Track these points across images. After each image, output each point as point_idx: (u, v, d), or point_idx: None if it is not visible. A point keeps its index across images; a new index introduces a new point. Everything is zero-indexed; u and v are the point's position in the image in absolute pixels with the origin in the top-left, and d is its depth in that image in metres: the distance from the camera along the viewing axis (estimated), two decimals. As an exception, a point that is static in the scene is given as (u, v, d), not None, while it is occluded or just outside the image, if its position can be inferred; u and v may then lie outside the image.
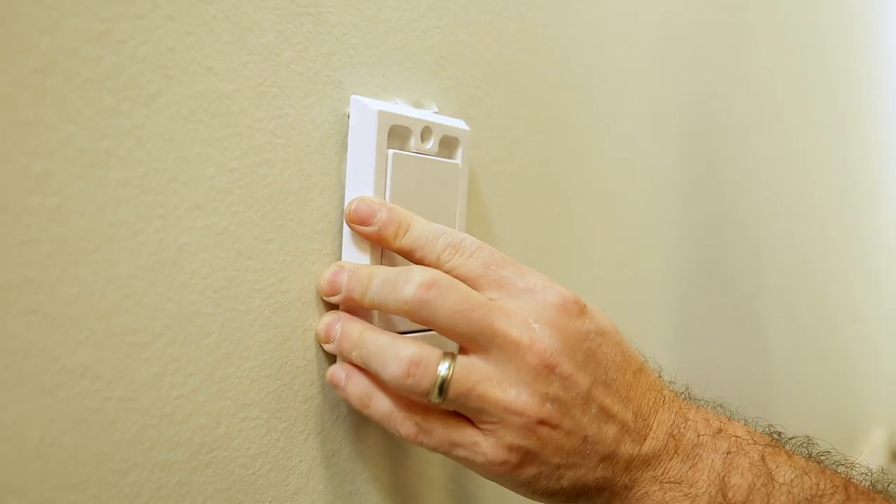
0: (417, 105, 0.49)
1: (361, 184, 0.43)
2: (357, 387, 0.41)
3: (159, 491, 0.35)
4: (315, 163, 0.42)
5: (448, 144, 0.49)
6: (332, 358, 0.44)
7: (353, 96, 0.43)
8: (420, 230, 0.41)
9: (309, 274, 0.42)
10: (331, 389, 0.44)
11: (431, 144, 0.47)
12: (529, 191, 0.61)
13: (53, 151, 0.30)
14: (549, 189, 0.63)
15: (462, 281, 0.39)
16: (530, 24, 0.59)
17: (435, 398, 0.36)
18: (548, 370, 0.36)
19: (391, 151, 0.43)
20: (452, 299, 0.36)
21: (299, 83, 0.40)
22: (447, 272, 0.39)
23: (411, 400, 0.39)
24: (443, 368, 0.36)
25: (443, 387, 0.36)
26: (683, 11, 0.85)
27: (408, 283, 0.36)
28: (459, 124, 0.50)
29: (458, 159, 0.49)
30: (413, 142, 0.45)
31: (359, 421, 0.46)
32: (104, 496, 0.33)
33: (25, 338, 0.30)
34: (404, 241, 0.41)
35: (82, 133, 0.31)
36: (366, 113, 0.43)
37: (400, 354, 0.36)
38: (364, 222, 0.41)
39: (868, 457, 1.83)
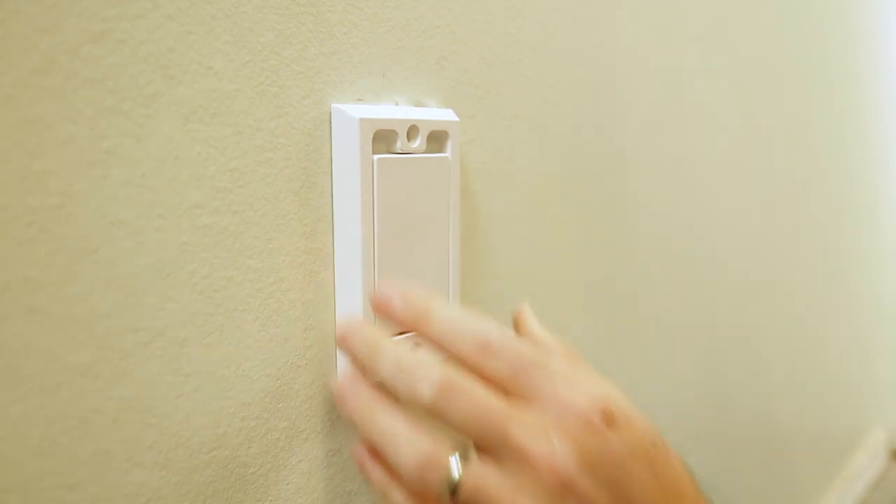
0: (418, 104, 0.49)
1: (348, 193, 0.43)
2: (377, 477, 0.39)
3: (159, 490, 0.35)
4: (315, 162, 0.42)
5: (437, 138, 0.49)
6: (333, 359, 0.44)
7: (333, 105, 0.42)
8: (440, 323, 0.38)
9: (310, 273, 0.42)
10: (331, 388, 0.44)
11: (419, 143, 0.46)
12: (529, 190, 0.61)
13: (53, 151, 0.30)
14: (550, 189, 0.63)
15: (485, 381, 0.36)
16: (531, 24, 0.59)
17: (446, 500, 0.34)
18: (564, 489, 0.34)
19: (376, 157, 0.43)
20: (468, 404, 0.34)
21: (300, 82, 0.40)
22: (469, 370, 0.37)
23: (424, 495, 0.37)
24: (455, 469, 0.34)
25: (453, 489, 0.34)
26: (684, 12, 0.85)
27: (424, 380, 0.35)
28: (448, 116, 0.49)
29: (447, 152, 0.49)
30: (400, 143, 0.45)
31: (359, 420, 0.46)
32: (104, 496, 0.33)
33: (25, 338, 0.30)
34: (427, 334, 0.39)
35: (82, 133, 0.31)
36: (347, 121, 0.42)
37: (412, 450, 0.35)
38: (384, 313, 0.40)
39: (868, 457, 1.83)
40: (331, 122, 0.42)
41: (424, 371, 0.35)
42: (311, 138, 0.41)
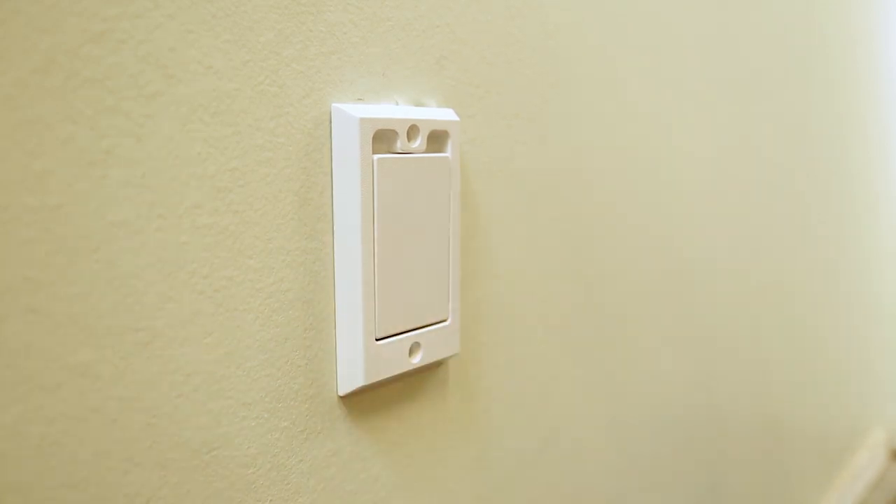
0: (418, 104, 0.49)
1: (349, 194, 0.43)
2: None
3: (159, 490, 0.35)
4: (315, 161, 0.42)
5: (438, 138, 0.49)
6: (333, 358, 0.44)
7: (333, 105, 0.42)
8: None
9: (310, 273, 0.42)
10: (331, 388, 0.44)
11: (419, 142, 0.46)
12: (529, 190, 0.61)
13: (53, 151, 0.30)
14: (550, 189, 0.63)
15: None
16: (531, 23, 0.59)
17: None
18: None
19: (376, 157, 0.43)
20: None
21: (300, 82, 0.40)
22: None
23: None
24: None
25: None
26: (682, 12, 0.85)
27: None
28: (448, 115, 0.49)
29: (448, 152, 0.49)
30: (400, 143, 0.45)
31: (359, 420, 0.47)
32: (105, 495, 0.33)
33: (25, 337, 0.30)
34: None
35: (83, 133, 0.31)
36: (347, 121, 0.42)
37: None
38: None
39: (868, 457, 1.83)
40: (331, 122, 0.42)
41: None
42: (311, 138, 0.41)
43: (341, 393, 0.45)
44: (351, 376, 0.45)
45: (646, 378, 0.83)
